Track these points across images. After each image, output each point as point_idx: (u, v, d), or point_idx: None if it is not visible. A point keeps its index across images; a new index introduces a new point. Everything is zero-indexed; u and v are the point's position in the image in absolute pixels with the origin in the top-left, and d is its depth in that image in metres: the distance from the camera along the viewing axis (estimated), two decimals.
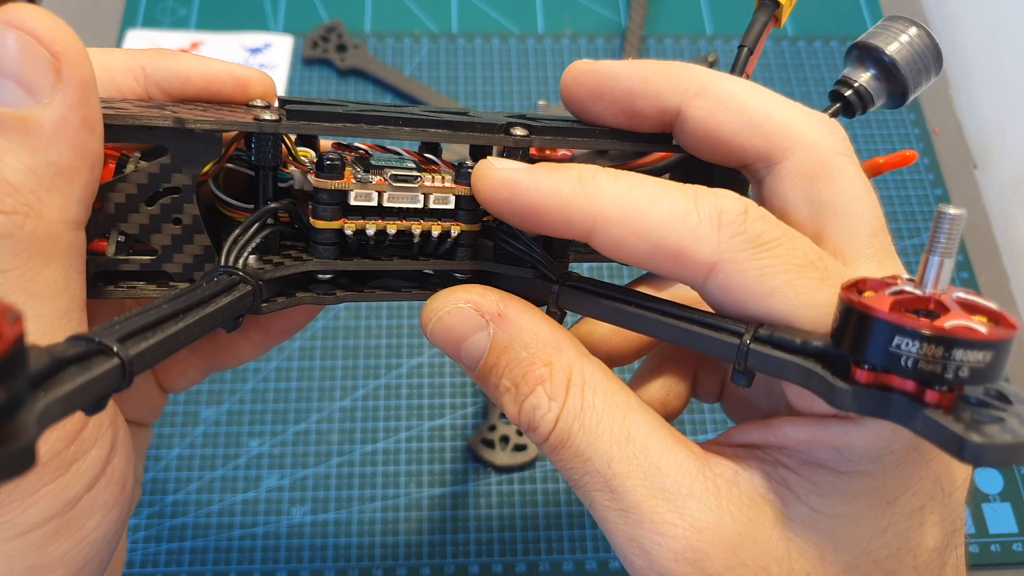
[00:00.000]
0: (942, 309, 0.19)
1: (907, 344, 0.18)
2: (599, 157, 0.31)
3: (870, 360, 0.19)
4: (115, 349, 0.18)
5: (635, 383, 0.33)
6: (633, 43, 0.65)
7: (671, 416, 0.34)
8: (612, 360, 0.32)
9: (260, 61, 0.63)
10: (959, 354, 0.18)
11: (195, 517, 0.46)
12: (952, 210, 0.19)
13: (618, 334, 0.32)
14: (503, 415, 0.50)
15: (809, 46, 0.68)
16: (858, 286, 0.20)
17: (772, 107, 0.25)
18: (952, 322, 0.18)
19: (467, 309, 0.26)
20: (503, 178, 0.25)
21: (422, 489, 0.48)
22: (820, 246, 0.24)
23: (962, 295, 0.20)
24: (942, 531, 0.23)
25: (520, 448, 0.49)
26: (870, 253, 0.24)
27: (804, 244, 0.23)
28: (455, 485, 0.48)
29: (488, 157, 0.26)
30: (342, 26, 0.65)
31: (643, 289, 0.28)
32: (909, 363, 0.18)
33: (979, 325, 0.18)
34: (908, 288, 0.20)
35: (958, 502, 0.23)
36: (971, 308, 0.19)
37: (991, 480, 0.50)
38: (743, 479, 0.23)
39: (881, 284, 0.20)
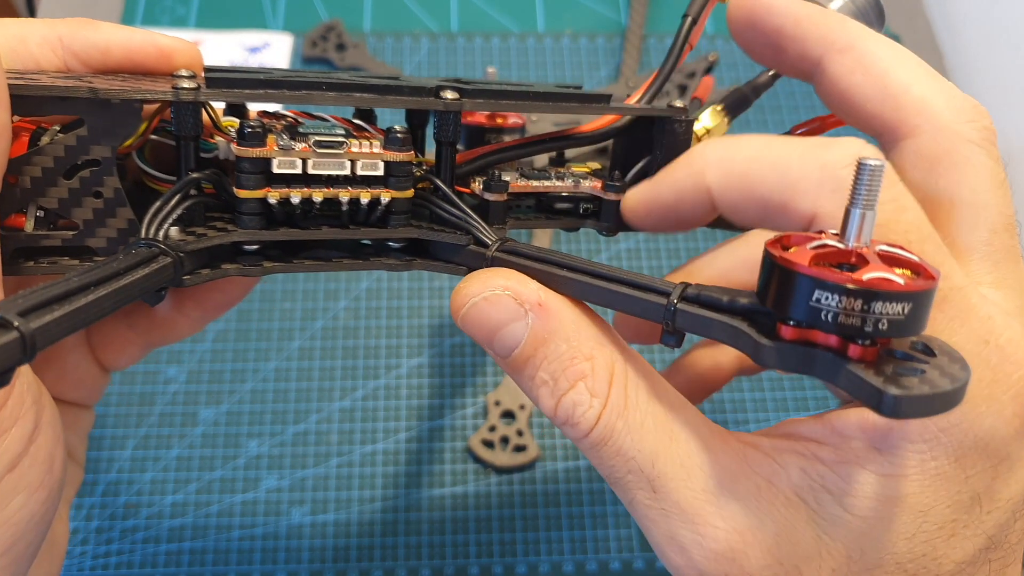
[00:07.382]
0: (863, 262, 0.19)
1: (827, 298, 0.18)
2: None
3: (793, 316, 0.19)
4: (14, 323, 0.17)
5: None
6: (633, 42, 0.65)
7: (713, 388, 0.34)
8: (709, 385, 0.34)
9: (259, 60, 0.63)
10: (878, 307, 0.18)
11: (194, 518, 0.46)
12: (872, 161, 0.19)
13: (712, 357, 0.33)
14: (503, 416, 0.50)
15: None
16: (783, 241, 0.20)
17: (914, 80, 0.24)
18: (870, 275, 0.18)
19: (505, 297, 0.24)
20: (634, 203, 0.27)
21: (421, 490, 0.48)
22: None
23: (885, 247, 0.19)
24: (974, 546, 0.23)
25: (520, 449, 0.48)
26: (987, 251, 0.23)
27: (911, 217, 0.22)
28: (455, 486, 0.48)
29: (627, 192, 0.28)
30: (341, 25, 0.65)
31: None
32: (830, 317, 0.18)
33: (898, 277, 0.18)
34: (830, 242, 0.20)
35: (997, 521, 0.23)
36: (892, 260, 0.19)
37: None
38: (781, 478, 0.23)
39: (805, 239, 0.20)
